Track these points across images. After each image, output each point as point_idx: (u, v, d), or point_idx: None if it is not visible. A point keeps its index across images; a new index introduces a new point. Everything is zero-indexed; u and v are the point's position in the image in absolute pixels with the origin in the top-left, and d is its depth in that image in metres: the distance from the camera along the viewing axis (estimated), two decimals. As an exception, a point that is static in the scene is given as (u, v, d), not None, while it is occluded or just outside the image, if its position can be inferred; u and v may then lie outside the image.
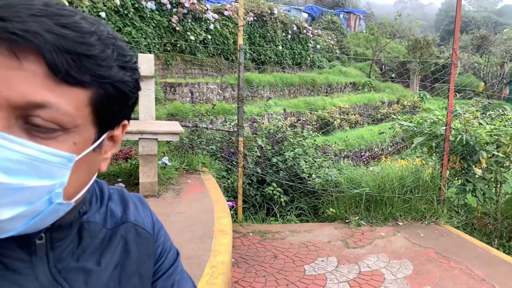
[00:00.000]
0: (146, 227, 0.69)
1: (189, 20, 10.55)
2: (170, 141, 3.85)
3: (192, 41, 10.49)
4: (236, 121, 5.80)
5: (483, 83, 19.09)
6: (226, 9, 12.00)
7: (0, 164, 0.43)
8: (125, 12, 9.09)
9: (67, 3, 7.08)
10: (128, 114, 0.56)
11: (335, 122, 11.32)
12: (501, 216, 4.15)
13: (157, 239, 0.71)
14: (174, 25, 10.02)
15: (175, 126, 3.29)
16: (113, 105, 0.51)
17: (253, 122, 5.22)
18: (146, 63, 3.45)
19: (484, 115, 5.39)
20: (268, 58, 13.72)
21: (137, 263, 0.65)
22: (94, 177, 0.56)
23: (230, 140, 4.63)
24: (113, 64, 0.49)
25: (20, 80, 0.43)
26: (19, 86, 0.43)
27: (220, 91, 10.89)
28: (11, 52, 0.43)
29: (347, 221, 3.92)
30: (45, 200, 0.46)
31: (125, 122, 0.56)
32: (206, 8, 11.19)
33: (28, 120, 0.45)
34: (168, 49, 10.18)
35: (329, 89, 15.16)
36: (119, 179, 3.46)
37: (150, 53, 8.31)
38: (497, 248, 3.72)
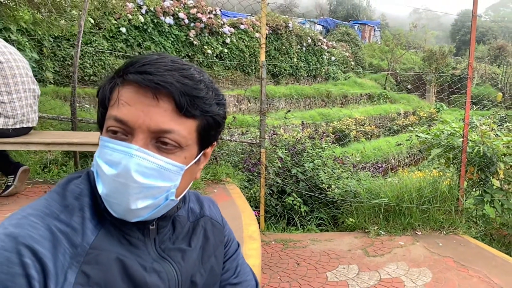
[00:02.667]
0: (218, 220, 0.91)
1: (206, 34, 10.84)
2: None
3: (209, 55, 10.78)
4: (256, 133, 5.98)
5: (501, 94, 18.93)
6: (242, 23, 12.30)
7: (140, 170, 0.63)
8: (145, 27, 9.39)
9: (92, 20, 7.42)
10: (217, 137, 0.76)
11: (351, 133, 11.40)
12: (519, 227, 4.19)
13: (225, 230, 0.92)
14: (192, 39, 10.32)
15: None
16: (210, 131, 0.72)
17: (273, 134, 5.39)
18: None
19: (501, 127, 5.44)
20: (283, 70, 13.92)
21: (213, 247, 0.86)
22: (192, 183, 0.76)
23: (251, 152, 4.80)
24: (213, 102, 0.70)
25: (157, 114, 0.64)
26: (156, 118, 0.64)
27: (236, 103, 11.11)
28: (154, 95, 0.64)
29: (366, 230, 4.02)
30: (164, 196, 0.67)
31: (214, 143, 0.77)
32: (222, 23, 11.50)
33: (158, 140, 0.65)
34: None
35: (344, 100, 15.24)
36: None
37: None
38: (516, 259, 3.77)
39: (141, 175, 0.63)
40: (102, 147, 0.66)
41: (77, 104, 4.31)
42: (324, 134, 5.82)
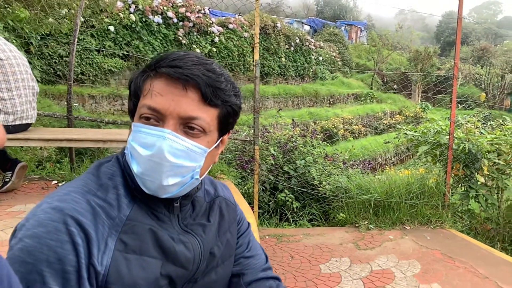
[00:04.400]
0: (231, 200, 1.01)
1: (195, 33, 10.85)
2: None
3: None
4: (248, 131, 6.06)
5: (484, 94, 19.39)
6: (230, 23, 12.35)
7: (171, 151, 0.73)
8: (133, 26, 9.34)
9: (82, 19, 7.39)
10: (233, 125, 0.86)
11: (339, 132, 11.55)
12: (503, 221, 4.36)
13: (237, 209, 1.02)
14: (180, 38, 10.32)
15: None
16: (229, 119, 0.82)
17: (265, 132, 5.47)
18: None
19: (485, 125, 5.63)
20: (271, 70, 14.00)
21: (228, 224, 0.96)
22: (212, 166, 0.86)
23: (244, 149, 4.88)
24: (231, 93, 0.80)
25: (185, 103, 0.74)
26: (184, 106, 0.74)
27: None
28: (183, 86, 0.74)
29: (357, 225, 4.14)
30: (190, 175, 0.77)
31: (230, 131, 0.86)
32: (211, 22, 11.52)
33: (186, 126, 0.75)
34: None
35: (332, 100, 15.41)
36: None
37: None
38: (500, 251, 3.93)
39: (173, 155, 0.72)
40: (136, 132, 0.75)
41: (66, 102, 4.32)
42: (315, 133, 5.93)
